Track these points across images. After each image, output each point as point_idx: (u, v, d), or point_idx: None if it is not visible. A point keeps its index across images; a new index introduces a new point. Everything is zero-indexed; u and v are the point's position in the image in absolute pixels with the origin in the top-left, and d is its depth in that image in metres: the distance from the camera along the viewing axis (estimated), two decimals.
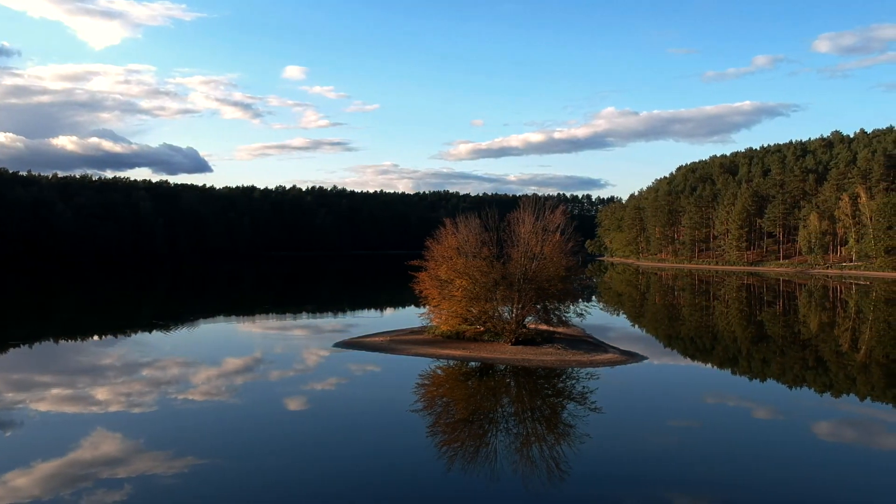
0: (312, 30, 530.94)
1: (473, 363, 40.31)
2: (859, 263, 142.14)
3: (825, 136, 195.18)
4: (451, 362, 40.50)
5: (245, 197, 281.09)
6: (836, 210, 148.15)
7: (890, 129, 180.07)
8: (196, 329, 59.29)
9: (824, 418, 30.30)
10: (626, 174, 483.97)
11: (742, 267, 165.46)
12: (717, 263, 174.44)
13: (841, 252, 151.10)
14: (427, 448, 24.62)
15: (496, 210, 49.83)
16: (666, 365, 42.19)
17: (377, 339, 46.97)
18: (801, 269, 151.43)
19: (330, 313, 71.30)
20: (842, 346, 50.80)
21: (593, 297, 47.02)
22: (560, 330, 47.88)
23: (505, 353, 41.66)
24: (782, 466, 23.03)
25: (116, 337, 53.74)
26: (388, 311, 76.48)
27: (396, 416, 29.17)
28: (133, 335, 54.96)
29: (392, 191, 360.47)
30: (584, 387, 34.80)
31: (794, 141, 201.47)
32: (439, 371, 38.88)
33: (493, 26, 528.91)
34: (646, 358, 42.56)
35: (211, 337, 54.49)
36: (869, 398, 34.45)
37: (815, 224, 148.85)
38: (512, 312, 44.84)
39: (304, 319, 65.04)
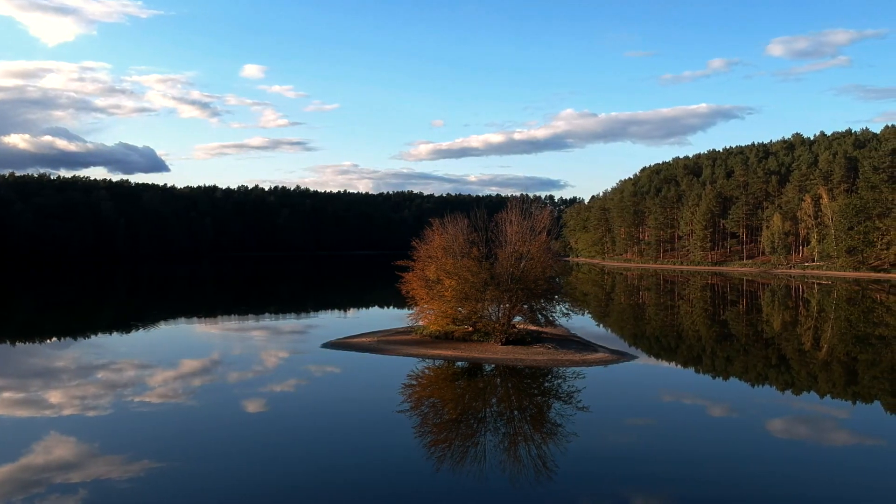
0: (271, 28, 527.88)
1: (465, 363, 39.94)
2: (821, 263, 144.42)
3: (786, 138, 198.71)
4: (443, 363, 40.14)
5: (207, 197, 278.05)
6: (798, 211, 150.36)
7: (849, 131, 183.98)
8: (173, 331, 57.86)
9: (799, 415, 30.25)
10: (585, 175, 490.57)
11: (706, 267, 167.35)
12: (682, 263, 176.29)
13: (803, 252, 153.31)
14: (417, 448, 24.19)
15: (485, 210, 49.64)
16: (656, 364, 42.43)
17: (364, 339, 46.27)
18: (765, 268, 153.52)
19: (308, 314, 70.25)
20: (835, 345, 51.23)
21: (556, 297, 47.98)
22: (547, 330, 47.78)
23: (496, 352, 41.36)
24: (770, 464, 22.81)
25: (76, 339, 52.22)
26: (367, 312, 75.53)
27: (388, 417, 28.46)
28: (92, 337, 53.50)
29: (353, 191, 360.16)
30: (571, 385, 34.61)
31: (755, 143, 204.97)
32: (430, 371, 38.48)
33: (453, 27, 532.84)
34: (636, 357, 42.83)
35: (182, 339, 53.17)
36: (829, 395, 34.72)
37: (778, 224, 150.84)
38: (499, 312, 44.54)
39: (281, 321, 63.89)
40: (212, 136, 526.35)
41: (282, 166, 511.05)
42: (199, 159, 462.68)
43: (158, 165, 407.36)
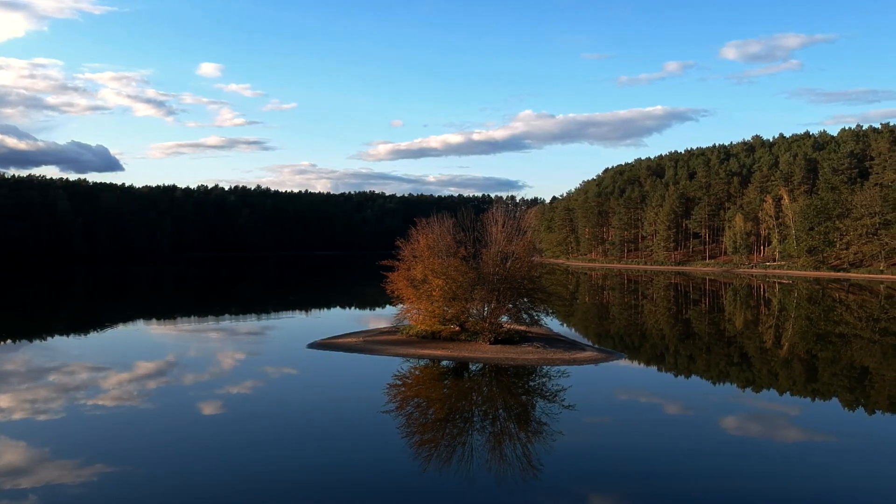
0: (228, 26, 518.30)
1: (457, 363, 39.68)
2: (782, 263, 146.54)
3: (746, 140, 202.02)
4: (434, 362, 39.94)
5: (166, 196, 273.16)
6: (759, 212, 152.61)
7: (807, 134, 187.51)
8: (144, 333, 56.31)
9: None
10: (543, 176, 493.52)
11: (670, 267, 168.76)
12: (645, 263, 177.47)
13: (764, 252, 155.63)
14: (405, 448, 23.96)
15: (471, 210, 49.54)
16: (644, 362, 42.81)
17: (350, 339, 45.88)
18: (727, 268, 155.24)
19: (270, 315, 68.90)
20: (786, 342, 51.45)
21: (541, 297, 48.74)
22: (533, 329, 47.89)
23: (486, 352, 41.17)
24: (743, 459, 22.78)
25: (31, 341, 50.38)
26: (329, 312, 74.44)
27: (378, 417, 27.94)
28: (48, 339, 51.74)
29: (312, 191, 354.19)
30: (558, 384, 34.63)
31: (716, 145, 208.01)
32: (421, 371, 38.28)
33: (412, 27, 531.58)
34: (623, 355, 43.25)
35: (163, 341, 51.64)
36: (789, 392, 35.20)
37: (740, 225, 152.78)
38: (486, 312, 44.36)
39: (242, 322, 62.55)
40: (167, 135, 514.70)
41: (238, 166, 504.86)
42: (154, 158, 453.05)
43: (112, 165, 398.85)
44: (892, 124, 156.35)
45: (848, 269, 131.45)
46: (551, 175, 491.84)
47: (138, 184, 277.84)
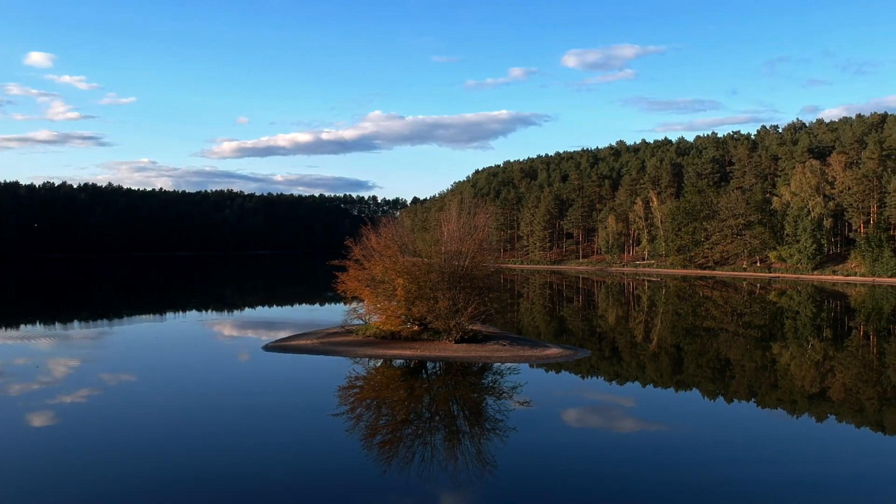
0: (61, 13, 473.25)
1: (430, 362, 39.30)
2: (651, 261, 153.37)
3: (612, 144, 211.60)
4: (403, 362, 39.49)
5: (9, 194, 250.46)
6: (630, 213, 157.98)
7: (666, 140, 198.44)
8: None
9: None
10: (392, 177, 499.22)
11: (546, 266, 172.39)
12: (522, 262, 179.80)
13: (634, 251, 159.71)
14: (362, 450, 23.76)
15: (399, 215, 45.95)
16: (609, 359, 43.64)
17: (305, 341, 44.83)
18: (600, 266, 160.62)
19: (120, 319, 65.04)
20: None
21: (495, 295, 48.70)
22: (489, 329, 48.29)
23: (457, 350, 40.90)
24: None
25: None
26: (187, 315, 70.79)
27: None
28: None
29: (151, 188, 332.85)
30: (555, 382, 35.72)
31: (585, 148, 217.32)
32: (398, 371, 37.95)
33: (258, 22, 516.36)
34: (588, 352, 43.88)
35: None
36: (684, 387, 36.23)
37: (612, 225, 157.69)
38: (450, 310, 43.44)
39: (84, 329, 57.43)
40: None
41: (72, 162, 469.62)
42: None
43: None
44: (746, 132, 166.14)
45: (713, 267, 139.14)
46: (401, 176, 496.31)
47: None
